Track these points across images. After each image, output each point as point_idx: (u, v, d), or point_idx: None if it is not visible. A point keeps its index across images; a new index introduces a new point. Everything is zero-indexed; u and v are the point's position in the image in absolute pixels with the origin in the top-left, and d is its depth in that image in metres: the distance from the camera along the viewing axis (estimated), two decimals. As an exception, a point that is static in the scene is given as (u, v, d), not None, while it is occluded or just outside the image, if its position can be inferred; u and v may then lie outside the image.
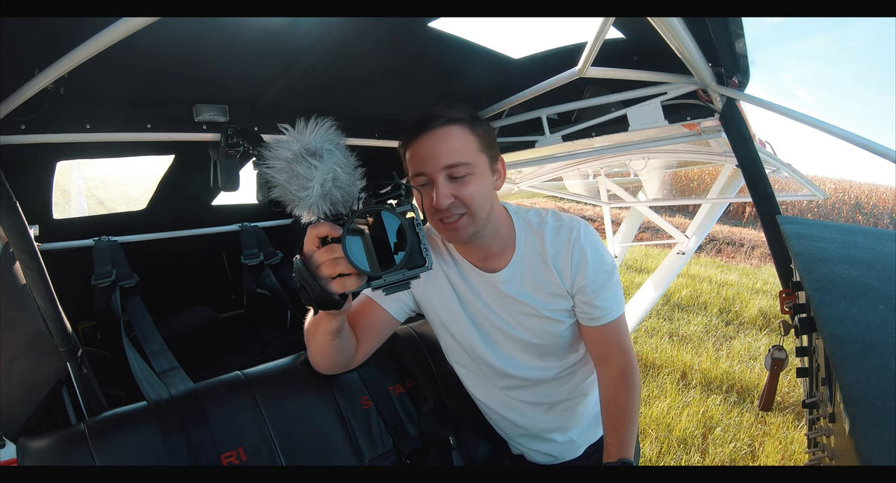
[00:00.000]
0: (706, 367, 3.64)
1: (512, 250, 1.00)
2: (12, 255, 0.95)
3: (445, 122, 0.92)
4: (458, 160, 0.90)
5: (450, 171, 0.90)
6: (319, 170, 0.71)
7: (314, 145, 0.71)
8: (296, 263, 0.74)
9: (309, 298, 0.75)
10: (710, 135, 1.48)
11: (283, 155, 0.72)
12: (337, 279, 0.72)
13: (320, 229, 0.72)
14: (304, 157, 0.70)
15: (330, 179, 0.71)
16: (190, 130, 1.21)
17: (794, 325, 1.12)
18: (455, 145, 0.91)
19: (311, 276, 0.72)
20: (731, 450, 2.67)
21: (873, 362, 0.41)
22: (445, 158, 0.90)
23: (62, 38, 0.77)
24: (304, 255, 0.73)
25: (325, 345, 0.95)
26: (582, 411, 1.09)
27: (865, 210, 10.57)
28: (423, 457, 1.10)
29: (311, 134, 0.72)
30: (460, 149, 0.91)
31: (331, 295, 0.74)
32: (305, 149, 0.71)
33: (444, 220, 0.92)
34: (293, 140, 0.72)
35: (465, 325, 1.04)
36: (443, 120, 0.92)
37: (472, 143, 0.93)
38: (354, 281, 0.71)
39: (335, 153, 0.73)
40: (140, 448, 0.88)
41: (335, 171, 0.72)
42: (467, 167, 0.91)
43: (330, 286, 0.73)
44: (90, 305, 1.39)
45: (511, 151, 1.67)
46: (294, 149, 0.71)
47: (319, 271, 0.72)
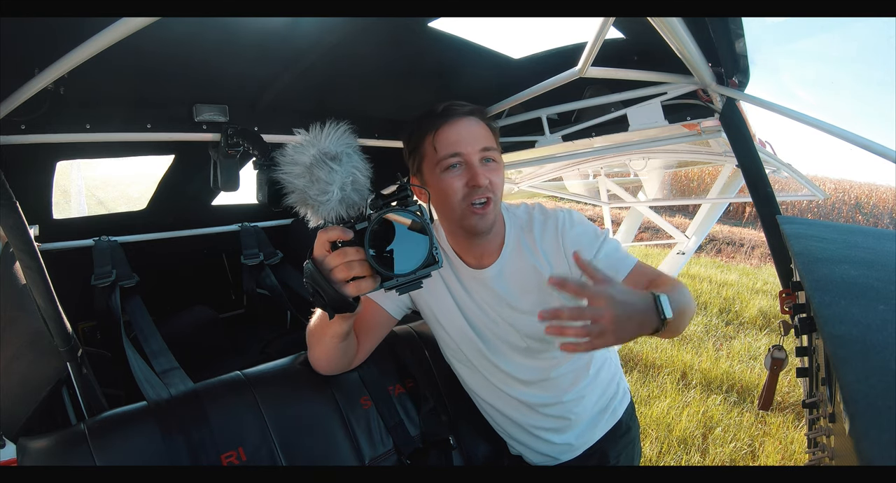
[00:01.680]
0: (706, 367, 3.64)
1: (501, 248, 1.02)
2: (12, 255, 0.95)
3: (469, 112, 0.96)
4: (490, 144, 0.95)
5: (484, 153, 0.94)
6: (339, 173, 0.71)
7: (333, 149, 0.71)
8: (307, 268, 0.74)
9: (323, 303, 0.75)
10: (710, 135, 1.48)
11: (300, 160, 0.71)
12: (352, 282, 0.72)
13: (331, 233, 0.72)
14: (324, 161, 0.70)
15: (349, 183, 0.72)
16: (190, 130, 1.21)
17: (794, 325, 1.12)
18: (484, 132, 0.96)
19: (325, 281, 0.72)
20: (731, 450, 2.67)
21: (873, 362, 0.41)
22: (481, 141, 0.94)
23: (62, 38, 0.77)
24: (316, 260, 0.73)
25: (332, 347, 0.95)
26: (580, 412, 1.09)
27: (865, 210, 10.57)
28: (423, 457, 1.10)
29: (328, 138, 0.72)
30: (488, 136, 0.96)
31: (346, 298, 0.74)
32: (324, 153, 0.71)
33: (474, 204, 0.93)
34: (309, 144, 0.72)
35: (461, 322, 1.05)
36: (467, 109, 0.96)
37: (491, 134, 0.98)
38: (370, 283, 0.72)
39: (353, 156, 0.73)
40: (140, 448, 0.88)
41: (354, 175, 0.72)
42: (495, 153, 0.96)
43: (345, 289, 0.73)
44: (90, 305, 1.39)
45: (511, 151, 1.67)
46: (312, 153, 0.71)
47: (333, 275, 0.72)
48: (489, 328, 1.04)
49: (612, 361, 1.18)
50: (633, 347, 3.96)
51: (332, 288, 0.72)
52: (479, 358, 1.07)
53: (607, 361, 1.15)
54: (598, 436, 1.12)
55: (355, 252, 0.71)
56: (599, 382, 1.12)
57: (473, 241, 1.00)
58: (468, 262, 1.03)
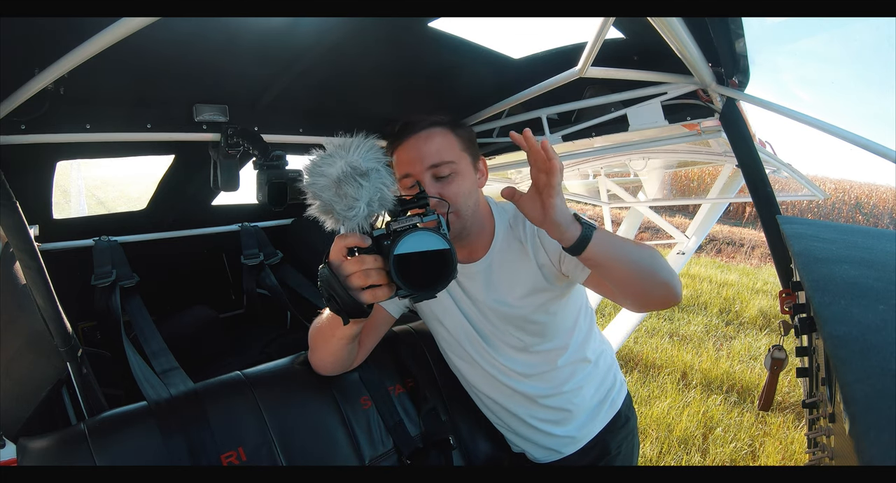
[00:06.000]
0: (706, 368, 3.64)
1: (490, 243, 1.03)
2: (12, 255, 0.95)
3: (428, 125, 0.96)
4: (442, 159, 0.94)
5: (434, 170, 0.94)
6: (367, 189, 0.70)
7: (364, 165, 0.71)
8: (322, 273, 0.74)
9: (337, 308, 0.75)
10: (710, 135, 1.48)
11: (328, 172, 0.70)
12: (368, 290, 0.72)
13: (349, 240, 0.72)
14: (353, 177, 0.70)
15: (377, 199, 0.72)
16: (190, 130, 1.21)
17: (794, 325, 1.12)
18: (438, 146, 0.95)
19: (341, 286, 0.72)
20: (731, 450, 2.67)
21: (873, 362, 0.41)
22: (429, 158, 0.94)
23: (62, 38, 0.77)
24: (332, 264, 0.74)
25: (339, 349, 0.96)
26: (579, 403, 1.10)
27: (865, 210, 10.57)
28: (423, 457, 1.10)
29: (356, 151, 0.72)
30: (443, 149, 0.95)
31: (361, 305, 0.74)
32: (354, 168, 0.70)
33: None
34: (338, 157, 0.71)
35: (458, 317, 1.07)
36: (425, 123, 0.96)
37: (453, 143, 0.97)
38: (386, 291, 0.72)
39: (381, 172, 0.73)
40: (140, 448, 0.88)
41: (381, 191, 0.72)
42: (451, 166, 0.95)
43: (361, 296, 0.73)
44: (90, 305, 1.39)
45: (511, 151, 1.67)
46: (340, 166, 0.70)
47: (350, 281, 0.72)
48: (483, 323, 1.06)
49: (608, 354, 1.19)
50: (633, 347, 3.96)
51: (347, 294, 0.73)
52: (478, 350, 1.08)
53: (604, 353, 1.17)
54: (599, 427, 1.13)
55: (373, 260, 0.71)
56: (597, 373, 1.13)
57: (459, 242, 1.02)
58: (459, 258, 1.04)
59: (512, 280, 1.02)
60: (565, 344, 1.07)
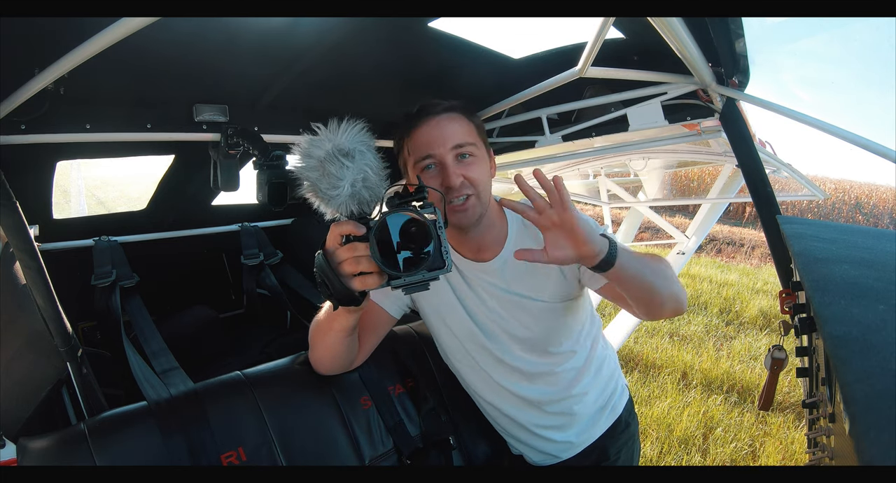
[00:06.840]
0: (707, 368, 3.64)
1: (504, 241, 1.03)
2: (12, 255, 0.95)
3: (445, 109, 0.97)
4: (465, 140, 0.95)
5: (458, 150, 0.94)
6: (351, 170, 0.73)
7: (347, 146, 0.73)
8: (318, 259, 0.75)
9: (329, 294, 0.76)
10: (710, 135, 1.48)
11: (315, 153, 0.73)
12: (358, 277, 0.73)
13: (344, 227, 0.73)
14: (336, 156, 0.72)
15: (360, 180, 0.74)
16: (190, 130, 1.21)
17: (794, 325, 1.12)
18: (458, 128, 0.96)
19: (333, 273, 0.74)
20: (731, 450, 2.67)
21: (873, 362, 0.41)
22: (452, 139, 0.94)
23: (62, 38, 0.77)
24: (327, 251, 0.75)
25: (337, 342, 0.96)
26: (581, 409, 1.09)
27: (865, 210, 10.56)
28: (423, 457, 1.10)
29: (343, 134, 0.74)
30: (464, 131, 0.96)
31: (351, 292, 0.75)
32: (338, 149, 0.73)
33: (453, 202, 0.94)
34: (325, 139, 0.74)
35: (463, 317, 1.05)
36: (442, 107, 0.97)
37: (471, 128, 0.98)
38: (376, 279, 0.73)
39: (367, 154, 0.75)
40: (140, 448, 0.88)
41: (366, 172, 0.74)
42: (472, 147, 0.96)
43: (351, 283, 0.74)
44: (90, 305, 1.39)
45: (511, 151, 1.67)
46: (327, 148, 0.73)
47: (341, 268, 0.73)
48: (493, 320, 1.05)
49: (612, 359, 1.19)
50: (633, 347, 3.96)
51: (338, 280, 0.74)
52: (482, 354, 1.07)
53: (608, 359, 1.16)
54: (599, 433, 1.12)
55: (365, 248, 0.72)
56: (601, 379, 1.13)
57: (467, 235, 1.02)
58: (465, 255, 1.04)
59: (531, 279, 1.01)
60: (573, 347, 1.07)
